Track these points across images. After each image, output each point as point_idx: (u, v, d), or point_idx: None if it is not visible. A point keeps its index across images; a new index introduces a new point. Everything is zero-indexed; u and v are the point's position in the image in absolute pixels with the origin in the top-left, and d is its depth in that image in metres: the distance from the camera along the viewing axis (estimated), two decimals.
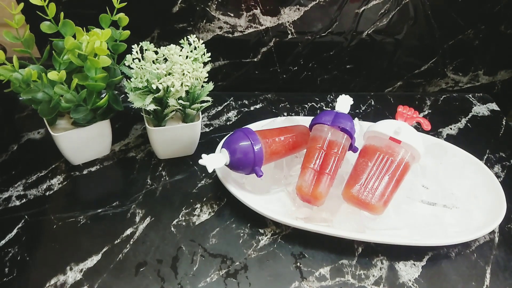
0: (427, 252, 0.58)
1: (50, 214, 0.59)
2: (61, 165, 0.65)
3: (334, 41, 0.77)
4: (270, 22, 0.73)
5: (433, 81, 0.86)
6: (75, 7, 0.69)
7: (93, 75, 0.55)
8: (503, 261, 0.58)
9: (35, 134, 0.70)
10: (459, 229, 0.58)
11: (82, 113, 0.57)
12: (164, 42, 0.75)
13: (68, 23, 0.56)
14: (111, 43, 0.60)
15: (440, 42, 0.79)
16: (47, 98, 0.55)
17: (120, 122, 0.73)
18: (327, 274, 0.54)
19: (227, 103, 0.80)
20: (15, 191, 0.61)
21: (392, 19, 0.75)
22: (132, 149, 0.69)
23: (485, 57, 0.82)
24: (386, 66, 0.82)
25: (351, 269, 0.55)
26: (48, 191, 0.62)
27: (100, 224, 0.58)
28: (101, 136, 0.64)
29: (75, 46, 0.53)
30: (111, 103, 0.60)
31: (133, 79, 0.57)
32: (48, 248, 0.55)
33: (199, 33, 0.74)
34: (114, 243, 0.56)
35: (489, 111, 0.83)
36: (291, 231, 0.59)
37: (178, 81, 0.55)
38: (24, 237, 0.56)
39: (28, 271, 0.53)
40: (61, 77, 0.51)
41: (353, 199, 0.55)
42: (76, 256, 0.54)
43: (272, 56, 0.78)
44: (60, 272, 0.52)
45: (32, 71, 0.50)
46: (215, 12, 0.71)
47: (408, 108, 0.61)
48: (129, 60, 0.56)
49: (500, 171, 0.71)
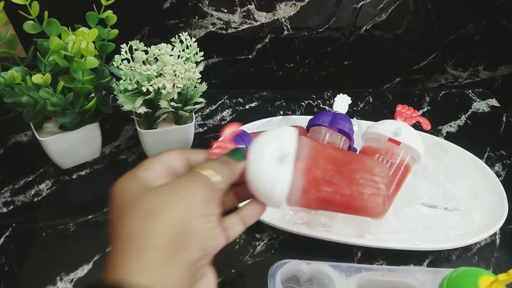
0: (427, 256, 0.57)
1: (39, 221, 0.57)
2: (49, 169, 0.63)
3: (332, 37, 0.75)
4: (265, 18, 0.71)
5: (433, 76, 0.84)
6: (61, 4, 0.66)
7: (80, 77, 0.52)
8: (504, 264, 0.57)
9: (22, 136, 0.68)
10: (460, 232, 0.57)
11: (70, 117, 0.54)
12: (155, 40, 0.72)
13: (53, 22, 0.53)
14: (98, 43, 0.57)
15: (440, 37, 0.77)
16: (32, 102, 0.52)
17: (110, 123, 0.70)
18: None
19: (222, 102, 0.77)
20: (2, 197, 0.59)
21: (391, 14, 0.72)
22: (123, 152, 0.67)
23: (485, 52, 0.80)
24: (384, 62, 0.80)
25: None
26: (36, 197, 0.60)
27: (91, 231, 0.56)
28: (90, 139, 0.61)
29: (60, 47, 0.50)
30: (99, 105, 0.57)
31: (123, 81, 0.54)
32: (37, 257, 0.53)
33: (191, 29, 0.71)
34: (106, 251, 0.54)
35: (489, 107, 0.81)
36: (289, 236, 0.57)
37: (170, 83, 0.53)
38: (12, 246, 0.54)
39: (16, 282, 0.51)
40: (46, 81, 0.49)
41: None
42: (66, 265, 0.52)
43: (267, 53, 0.76)
44: (50, 283, 0.51)
45: (15, 74, 0.48)
46: (208, 8, 0.69)
47: (408, 107, 0.59)
48: (118, 61, 0.54)
49: (501, 170, 0.69)
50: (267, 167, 0.32)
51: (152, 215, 0.26)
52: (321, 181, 0.36)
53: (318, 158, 0.36)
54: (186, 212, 0.26)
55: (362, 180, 0.37)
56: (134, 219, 0.26)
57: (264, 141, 0.34)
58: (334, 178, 0.36)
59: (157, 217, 0.26)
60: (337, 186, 0.36)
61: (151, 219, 0.26)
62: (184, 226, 0.26)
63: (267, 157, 0.33)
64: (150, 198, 0.27)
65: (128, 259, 0.25)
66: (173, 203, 0.27)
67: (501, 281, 0.40)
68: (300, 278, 0.50)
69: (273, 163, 0.32)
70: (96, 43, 0.56)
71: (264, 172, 0.32)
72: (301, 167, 0.35)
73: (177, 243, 0.25)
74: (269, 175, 0.32)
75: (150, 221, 0.26)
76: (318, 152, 0.37)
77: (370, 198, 0.37)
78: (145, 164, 0.30)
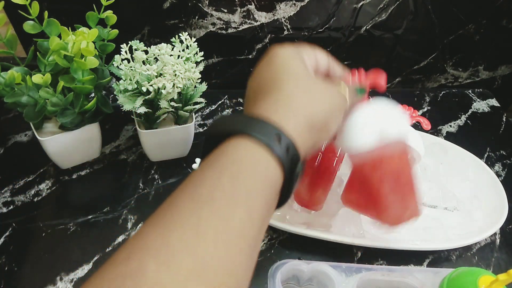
0: (427, 256, 0.57)
1: (39, 222, 0.57)
2: (49, 169, 0.63)
3: (332, 37, 0.75)
4: (265, 18, 0.71)
5: (433, 76, 0.84)
6: (61, 3, 0.65)
7: (80, 77, 0.52)
8: (504, 263, 0.57)
9: (22, 136, 0.68)
10: (460, 232, 0.57)
11: (70, 117, 0.54)
12: (155, 40, 0.72)
13: (53, 22, 0.53)
14: (98, 43, 0.57)
15: (440, 37, 0.77)
16: (32, 102, 0.52)
17: (110, 123, 0.70)
18: None
19: (222, 102, 0.77)
20: (2, 197, 0.59)
21: (391, 14, 0.72)
22: (123, 152, 0.67)
23: (485, 52, 0.80)
24: (384, 62, 0.80)
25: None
26: (36, 197, 0.60)
27: (91, 231, 0.56)
28: (90, 139, 0.61)
29: (60, 47, 0.50)
30: (99, 105, 0.57)
31: (123, 81, 0.54)
32: (37, 257, 0.53)
33: (191, 29, 0.71)
34: (106, 251, 0.54)
35: (489, 107, 0.81)
36: (288, 236, 0.57)
37: (170, 83, 0.53)
38: (12, 246, 0.54)
39: (16, 282, 0.51)
40: (46, 81, 0.49)
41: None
42: (67, 265, 0.52)
43: None
44: (50, 283, 0.51)
45: (15, 74, 0.48)
46: (208, 8, 0.69)
47: (407, 107, 0.59)
48: (118, 61, 0.54)
49: (501, 170, 0.69)
50: (367, 129, 0.40)
51: (312, 99, 0.31)
52: (385, 176, 0.42)
53: (396, 160, 0.42)
54: (332, 114, 0.33)
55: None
56: (298, 90, 0.31)
57: (386, 109, 0.41)
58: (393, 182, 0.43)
59: (314, 103, 0.31)
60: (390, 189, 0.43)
61: (311, 102, 0.31)
62: (327, 120, 0.32)
63: (375, 123, 0.40)
64: (315, 86, 0.32)
65: (282, 111, 0.29)
66: (329, 101, 0.33)
67: (501, 281, 0.40)
68: (300, 278, 0.50)
69: (374, 130, 0.40)
70: (96, 43, 0.56)
71: (362, 127, 0.40)
72: (384, 155, 0.41)
73: (319, 127, 0.31)
74: (364, 133, 0.40)
75: (310, 101, 0.31)
76: (400, 158, 0.43)
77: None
78: (306, 52, 0.36)
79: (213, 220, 0.23)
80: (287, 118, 0.29)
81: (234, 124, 0.28)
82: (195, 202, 0.24)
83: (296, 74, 0.32)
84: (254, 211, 0.25)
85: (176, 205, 0.24)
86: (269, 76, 0.33)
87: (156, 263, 0.21)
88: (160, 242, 0.22)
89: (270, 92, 0.31)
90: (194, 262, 0.21)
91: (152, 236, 0.22)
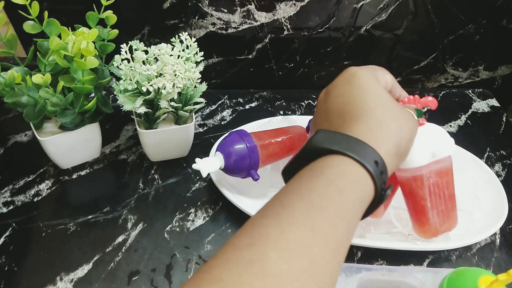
0: (427, 256, 0.56)
1: (39, 221, 0.57)
2: (49, 169, 0.63)
3: (332, 37, 0.75)
4: (265, 18, 0.71)
5: (433, 76, 0.84)
6: (61, 4, 0.66)
7: (80, 77, 0.52)
8: (504, 264, 0.57)
9: (22, 136, 0.68)
10: (460, 232, 0.57)
11: (70, 117, 0.54)
12: (155, 40, 0.72)
13: (53, 22, 0.53)
14: (98, 43, 0.57)
15: (440, 37, 0.77)
16: (32, 102, 0.52)
17: (110, 123, 0.70)
18: None
19: (221, 102, 0.77)
20: (2, 197, 0.59)
21: (391, 14, 0.72)
22: (123, 151, 0.67)
23: (485, 52, 0.80)
24: (384, 62, 0.80)
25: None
26: (36, 197, 0.60)
27: (91, 231, 0.56)
28: (90, 139, 0.61)
29: (60, 47, 0.50)
30: (99, 105, 0.57)
31: (123, 81, 0.54)
32: (37, 257, 0.53)
33: (191, 29, 0.71)
34: (106, 251, 0.54)
35: (489, 107, 0.81)
36: None
37: (170, 83, 0.53)
38: (12, 246, 0.54)
39: (16, 282, 0.51)
40: (46, 81, 0.49)
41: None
42: (66, 265, 0.52)
43: (267, 53, 0.76)
44: (50, 283, 0.51)
45: (15, 74, 0.48)
46: (208, 8, 0.69)
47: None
48: (118, 61, 0.54)
49: (501, 170, 0.69)
50: (422, 147, 0.45)
51: (400, 126, 0.34)
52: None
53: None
54: (412, 139, 0.36)
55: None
56: (387, 117, 0.34)
57: (441, 133, 0.49)
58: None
59: (401, 130, 0.34)
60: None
61: (399, 128, 0.34)
62: (409, 145, 0.35)
63: (428, 143, 0.46)
64: (400, 112, 0.35)
65: (376, 137, 0.32)
66: (411, 127, 0.36)
67: (501, 281, 0.40)
68: None
69: (428, 150, 0.46)
70: (96, 43, 0.56)
71: (417, 146, 0.44)
72: (430, 173, 0.47)
73: (402, 152, 0.34)
74: (418, 152, 0.45)
75: (397, 128, 0.34)
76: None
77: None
78: (378, 73, 0.39)
79: (325, 226, 0.26)
80: (379, 143, 0.32)
81: (337, 143, 0.31)
82: (307, 206, 0.27)
83: (383, 99, 0.35)
84: (352, 224, 0.28)
85: (288, 205, 0.27)
86: (353, 98, 0.35)
87: (277, 254, 0.23)
88: (279, 234, 0.25)
89: (361, 116, 0.33)
90: (308, 261, 0.24)
91: (270, 228, 0.25)
